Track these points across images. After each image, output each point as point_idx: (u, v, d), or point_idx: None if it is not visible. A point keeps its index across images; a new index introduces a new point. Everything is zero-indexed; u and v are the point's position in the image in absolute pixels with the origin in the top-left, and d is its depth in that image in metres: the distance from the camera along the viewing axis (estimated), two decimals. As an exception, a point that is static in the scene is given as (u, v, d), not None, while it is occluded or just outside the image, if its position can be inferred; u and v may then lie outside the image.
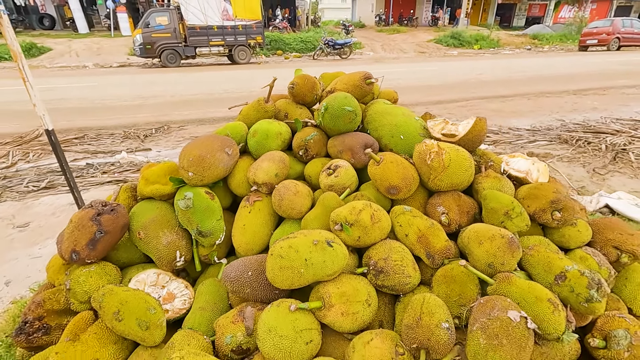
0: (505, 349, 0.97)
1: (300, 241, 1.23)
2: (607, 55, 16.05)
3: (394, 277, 1.25)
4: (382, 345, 1.09)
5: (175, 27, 12.79)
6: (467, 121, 1.59)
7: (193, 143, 1.61)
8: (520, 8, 32.69)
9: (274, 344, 1.11)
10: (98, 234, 1.43)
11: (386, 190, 1.49)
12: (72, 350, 1.26)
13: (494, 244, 1.24)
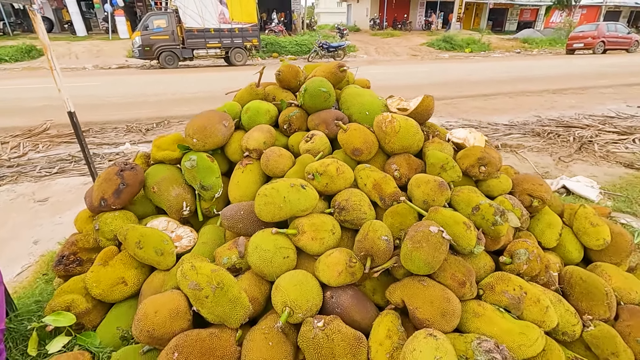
0: (424, 250, 1.34)
1: (281, 184, 1.61)
2: (592, 58, 16.62)
3: (353, 213, 1.63)
4: (340, 255, 1.47)
5: (173, 30, 13.17)
6: (417, 98, 1.98)
7: (197, 116, 1.99)
8: (512, 13, 33.37)
9: (259, 256, 1.48)
10: (121, 185, 1.80)
11: (351, 152, 1.88)
12: (104, 271, 1.63)
13: (428, 186, 1.62)
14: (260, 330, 1.34)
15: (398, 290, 1.41)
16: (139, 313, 1.30)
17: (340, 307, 1.41)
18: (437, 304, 1.31)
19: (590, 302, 1.54)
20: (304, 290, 1.38)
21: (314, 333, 1.26)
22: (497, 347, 1.21)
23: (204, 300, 1.32)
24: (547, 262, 1.58)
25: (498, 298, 1.41)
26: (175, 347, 1.23)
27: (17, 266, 2.29)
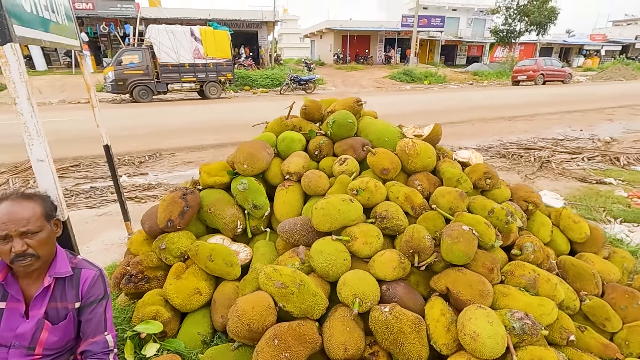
0: (462, 244, 1.70)
1: (334, 199, 1.92)
2: (534, 89, 18.69)
3: (393, 221, 1.96)
4: (391, 254, 1.78)
5: (147, 65, 13.33)
6: (428, 126, 2.41)
7: (244, 145, 2.28)
8: (461, 49, 36.76)
9: (324, 259, 1.76)
10: (185, 207, 2.03)
11: (380, 172, 2.24)
12: (180, 284, 1.83)
13: (452, 196, 2.01)
14: (337, 319, 1.60)
15: (442, 279, 1.74)
16: (238, 310, 1.52)
17: (397, 297, 1.71)
18: (475, 287, 1.66)
19: (582, 282, 1.95)
20: (367, 284, 1.68)
21: (384, 316, 1.55)
22: (526, 316, 1.57)
23: (290, 296, 1.57)
24: (547, 253, 1.99)
25: (518, 280, 1.78)
26: (274, 336, 1.47)
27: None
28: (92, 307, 1.38)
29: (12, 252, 1.20)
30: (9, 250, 1.20)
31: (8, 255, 1.20)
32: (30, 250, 1.22)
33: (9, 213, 1.21)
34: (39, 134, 1.31)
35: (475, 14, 37.01)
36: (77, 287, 1.37)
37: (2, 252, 1.21)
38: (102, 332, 1.38)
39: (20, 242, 1.20)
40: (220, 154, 6.42)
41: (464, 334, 1.44)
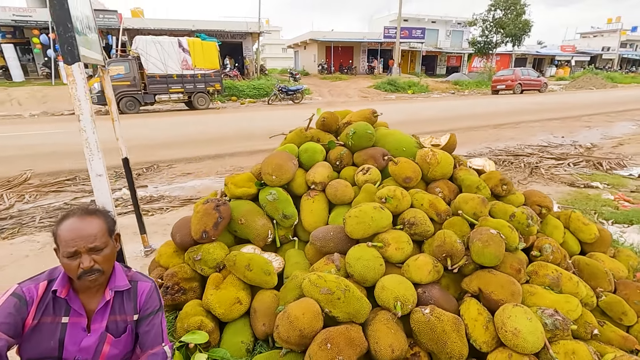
0: (492, 247, 1.81)
1: (366, 207, 2.00)
2: (514, 98, 19.46)
3: (421, 227, 2.06)
4: (425, 258, 1.87)
5: (135, 76, 13.19)
6: (445, 136, 2.54)
7: (271, 156, 2.34)
8: (440, 59, 37.92)
9: (363, 265, 1.83)
10: (219, 219, 2.06)
11: (402, 180, 2.34)
12: (220, 294, 1.86)
13: (474, 202, 2.12)
14: (380, 322, 1.67)
15: (474, 281, 1.84)
16: (290, 317, 1.57)
17: (433, 299, 1.79)
18: (507, 287, 1.76)
19: (596, 280, 2.09)
20: (406, 287, 1.76)
21: (427, 317, 1.63)
22: (556, 312, 1.68)
23: (336, 302, 1.64)
24: (564, 253, 2.13)
25: (542, 280, 1.90)
26: (326, 340, 1.52)
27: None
28: (149, 318, 1.40)
29: (81, 268, 1.21)
30: (77, 266, 1.21)
31: (76, 272, 1.22)
32: (97, 266, 1.24)
33: (77, 230, 1.23)
34: (98, 150, 1.35)
35: (453, 25, 38.36)
36: (135, 300, 1.39)
37: (70, 268, 1.22)
38: (160, 343, 1.41)
39: (88, 259, 1.22)
40: (219, 165, 6.42)
41: (505, 331, 1.54)
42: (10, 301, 1.21)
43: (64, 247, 1.21)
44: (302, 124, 2.84)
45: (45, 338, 1.26)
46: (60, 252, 1.23)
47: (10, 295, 1.22)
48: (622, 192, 4.97)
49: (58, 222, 1.27)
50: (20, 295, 1.23)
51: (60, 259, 1.23)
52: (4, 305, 1.20)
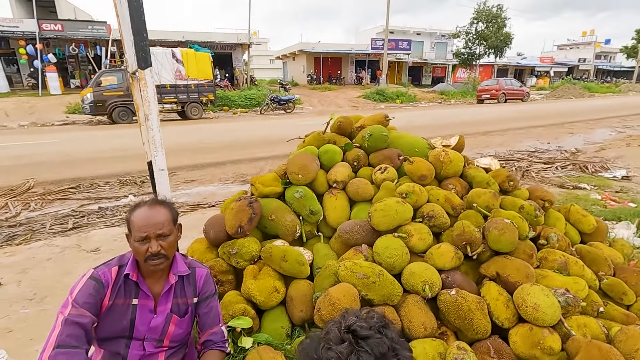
0: (508, 234, 2.00)
1: (390, 201, 2.18)
2: (499, 107, 20.16)
3: (439, 219, 2.24)
4: (447, 247, 2.05)
5: (127, 86, 13.18)
6: (454, 137, 2.75)
7: (296, 157, 2.50)
8: (426, 70, 38.95)
9: (391, 254, 1.99)
10: (253, 214, 2.20)
11: (418, 178, 2.52)
12: (259, 283, 1.99)
13: (487, 196, 2.32)
14: (411, 304, 1.83)
15: (491, 266, 2.02)
16: (332, 299, 1.71)
17: (455, 283, 1.96)
18: (522, 270, 1.95)
19: (597, 265, 2.29)
20: (432, 272, 1.92)
21: (454, 298, 1.80)
22: (567, 291, 1.87)
23: (372, 285, 1.79)
24: (568, 241, 2.34)
25: (551, 264, 2.10)
26: (366, 319, 1.67)
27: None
28: (207, 301, 1.53)
29: (149, 252, 1.34)
30: (145, 250, 1.34)
31: (143, 255, 1.34)
32: (163, 252, 1.36)
33: (148, 217, 1.36)
34: (162, 147, 1.48)
35: (437, 37, 39.55)
36: (194, 284, 1.51)
37: (139, 252, 1.34)
38: (217, 323, 1.53)
39: (156, 244, 1.35)
40: (221, 172, 6.52)
41: (526, 306, 1.71)
42: (89, 284, 1.32)
43: (136, 231, 1.33)
44: (297, 132, 3.01)
45: (118, 318, 1.37)
46: (131, 237, 1.35)
47: (88, 278, 1.34)
48: (608, 192, 5.28)
49: (131, 210, 1.40)
50: (98, 278, 1.34)
51: (132, 243, 1.35)
52: (85, 287, 1.31)
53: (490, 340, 1.75)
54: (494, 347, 1.72)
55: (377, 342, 0.66)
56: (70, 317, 1.22)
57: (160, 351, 1.44)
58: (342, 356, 0.62)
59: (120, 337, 1.39)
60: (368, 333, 0.68)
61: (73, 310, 1.24)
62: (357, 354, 0.63)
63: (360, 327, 0.69)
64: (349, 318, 0.72)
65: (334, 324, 0.70)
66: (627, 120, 13.83)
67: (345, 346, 0.64)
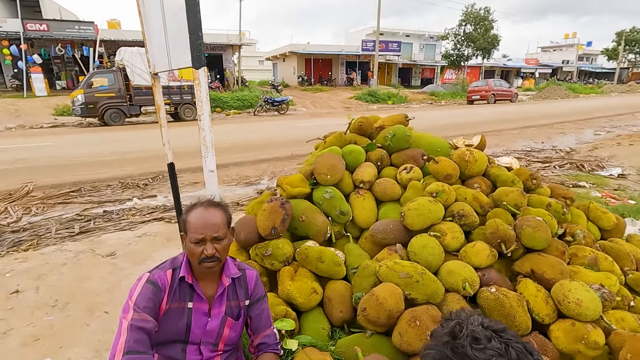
0: (541, 232, 2.03)
1: (422, 201, 2.19)
2: (489, 108, 20.51)
3: (470, 218, 2.26)
4: (482, 245, 2.07)
5: (120, 87, 12.98)
6: (476, 137, 2.78)
7: (324, 158, 2.49)
8: (415, 71, 39.38)
9: (429, 252, 2.01)
10: (285, 216, 2.18)
11: (444, 177, 2.55)
12: (297, 285, 1.97)
13: (514, 194, 2.36)
14: (453, 302, 1.84)
15: (526, 263, 2.05)
16: (379, 299, 1.71)
17: (492, 281, 1.99)
18: (557, 267, 1.98)
19: (621, 261, 2.35)
20: (470, 270, 1.94)
21: (495, 295, 1.82)
22: (602, 286, 1.91)
23: (415, 284, 1.80)
24: (593, 238, 2.39)
25: (582, 260, 2.14)
26: (414, 318, 1.68)
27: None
28: (259, 303, 1.51)
29: (204, 254, 1.31)
30: (200, 252, 1.31)
31: (198, 257, 1.31)
32: (217, 254, 1.33)
33: (205, 218, 1.33)
34: (212, 147, 1.46)
35: (426, 39, 40.03)
36: (246, 287, 1.49)
37: (194, 253, 1.31)
38: (269, 325, 1.51)
39: (211, 246, 1.32)
40: (224, 174, 6.45)
41: (568, 302, 1.74)
42: (148, 287, 1.29)
43: (192, 233, 1.31)
44: (296, 133, 3.07)
45: (174, 322, 1.34)
46: (187, 238, 1.33)
47: (146, 282, 1.30)
48: (607, 190, 5.42)
49: (188, 211, 1.37)
50: (155, 282, 1.31)
51: (187, 244, 1.32)
52: (144, 291, 1.28)
53: (532, 337, 1.78)
54: (537, 343, 1.74)
55: (514, 335, 0.67)
56: (134, 323, 1.19)
57: (216, 355, 1.42)
58: (501, 352, 0.62)
59: (177, 342, 1.36)
60: (501, 327, 0.68)
61: (135, 315, 1.21)
62: (513, 348, 0.63)
63: (494, 324, 0.69)
64: (470, 318, 0.72)
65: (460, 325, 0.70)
66: (613, 121, 14.24)
67: (496, 343, 0.64)
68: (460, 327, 0.69)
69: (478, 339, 0.65)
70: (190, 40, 1.26)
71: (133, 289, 1.30)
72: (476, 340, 0.65)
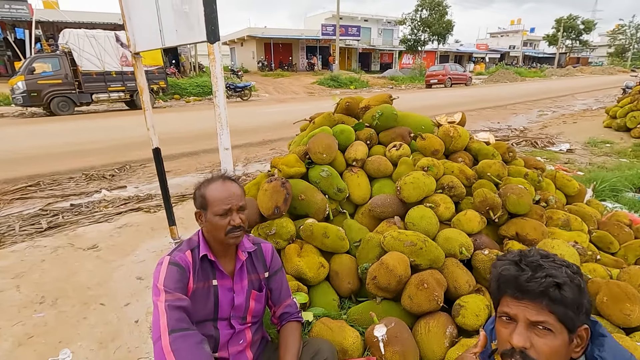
0: (524, 198, 2.23)
1: (416, 174, 2.31)
2: (447, 91, 21.37)
3: (458, 189, 2.42)
4: (473, 213, 2.24)
5: (67, 73, 11.95)
6: (457, 114, 2.95)
7: (320, 138, 2.52)
8: (374, 56, 39.89)
9: (427, 222, 2.13)
10: (287, 195, 2.21)
11: (431, 153, 2.68)
12: (306, 261, 2.03)
13: (496, 166, 2.55)
14: (452, 265, 1.99)
15: (511, 227, 2.25)
16: (389, 266, 1.81)
17: (483, 244, 2.16)
18: (538, 229, 2.20)
19: (586, 221, 2.64)
20: (465, 236, 2.10)
21: (488, 256, 1.99)
22: (576, 243, 2.15)
23: (419, 252, 1.92)
24: (562, 203, 2.66)
25: (556, 222, 2.39)
26: (422, 281, 1.80)
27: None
28: (277, 275, 1.54)
29: (231, 224, 1.29)
30: (226, 223, 1.29)
31: (224, 229, 1.29)
32: (242, 224, 1.35)
33: (228, 190, 1.33)
34: (227, 125, 1.45)
35: (384, 24, 40.55)
36: (263, 259, 1.51)
37: (219, 226, 1.29)
38: (289, 295, 1.56)
39: (238, 216, 1.33)
40: (196, 162, 6.27)
41: (553, 258, 1.95)
42: (173, 269, 1.27)
43: (217, 205, 1.29)
44: (265, 119, 3.11)
45: (203, 301, 1.34)
46: (209, 212, 1.30)
47: (169, 264, 1.27)
48: (559, 164, 5.95)
49: (203, 186, 1.34)
50: (178, 263, 1.28)
51: (210, 218, 1.30)
52: (170, 273, 1.25)
53: (522, 291, 1.97)
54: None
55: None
56: (171, 303, 1.19)
57: (246, 328, 1.44)
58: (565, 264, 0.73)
59: (207, 320, 1.36)
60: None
61: (169, 297, 1.20)
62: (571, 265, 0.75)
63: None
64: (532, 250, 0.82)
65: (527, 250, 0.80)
66: (557, 102, 15.46)
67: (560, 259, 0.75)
68: (528, 251, 0.80)
69: (547, 255, 0.76)
70: (205, 13, 1.23)
71: (157, 273, 1.27)
72: (546, 256, 0.75)
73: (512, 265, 0.79)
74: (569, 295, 0.73)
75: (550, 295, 0.73)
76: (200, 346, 1.16)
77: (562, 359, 0.77)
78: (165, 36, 1.79)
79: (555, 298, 0.73)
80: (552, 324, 0.74)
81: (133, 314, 2.15)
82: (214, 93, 1.39)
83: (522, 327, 0.77)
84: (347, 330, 1.71)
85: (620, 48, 54.50)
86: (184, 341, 1.12)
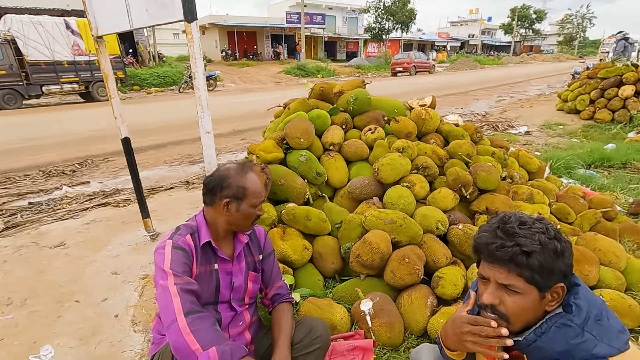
0: (493, 175, 2.37)
1: (393, 156, 2.38)
2: (412, 79, 21.83)
3: (432, 169, 2.52)
4: (446, 190, 2.35)
5: (11, 63, 11.01)
6: (428, 97, 3.05)
7: (297, 123, 2.53)
8: (340, 45, 39.85)
9: (405, 201, 2.22)
10: (267, 180, 2.21)
11: (405, 135, 2.77)
12: (289, 244, 2.05)
13: (466, 146, 2.68)
14: (430, 240, 2.09)
15: (482, 202, 2.39)
16: (372, 244, 1.87)
17: (457, 220, 2.28)
18: (506, 203, 2.35)
19: (547, 194, 2.85)
20: (440, 213, 2.20)
21: (463, 230, 2.11)
22: (539, 214, 2.32)
23: (399, 229, 1.99)
24: (526, 178, 2.84)
25: (521, 197, 2.56)
26: (403, 256, 1.88)
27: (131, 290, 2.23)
28: (270, 257, 1.56)
29: (257, 214, 1.37)
30: (255, 214, 1.36)
31: (253, 219, 1.37)
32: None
33: (259, 183, 1.38)
34: (208, 108, 1.42)
35: (349, 12, 40.49)
36: (257, 242, 1.52)
37: (250, 216, 1.35)
38: (280, 278, 1.58)
39: (261, 207, 1.41)
40: (165, 155, 6.06)
41: (520, 228, 2.09)
42: (177, 253, 1.24)
43: (256, 197, 1.34)
44: (234, 110, 3.13)
45: (205, 285, 1.32)
46: (245, 203, 1.33)
47: (173, 248, 1.24)
48: (518, 145, 6.31)
49: (238, 176, 1.33)
50: (183, 247, 1.26)
51: (245, 208, 1.33)
52: (176, 256, 1.23)
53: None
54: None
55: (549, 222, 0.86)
56: (182, 286, 1.17)
57: (244, 309, 1.45)
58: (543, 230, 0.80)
59: (209, 304, 1.35)
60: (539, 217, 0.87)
61: (178, 280, 1.18)
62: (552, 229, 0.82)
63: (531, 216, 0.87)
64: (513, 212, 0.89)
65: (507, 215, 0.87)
66: (514, 87, 16.26)
67: (539, 224, 0.82)
68: (508, 216, 0.86)
69: (525, 222, 0.82)
70: (181, -10, 1.19)
71: (160, 256, 1.23)
72: (523, 223, 0.82)
73: (487, 233, 0.86)
74: (536, 261, 0.79)
75: (516, 261, 0.80)
76: (217, 327, 1.17)
77: (533, 313, 0.85)
78: (133, 17, 1.70)
79: (521, 264, 0.80)
80: (519, 286, 0.82)
81: (112, 309, 2.08)
82: (194, 74, 1.35)
83: (493, 287, 0.86)
84: (335, 307, 1.76)
85: (568, 37, 57.95)
86: (202, 322, 1.12)
